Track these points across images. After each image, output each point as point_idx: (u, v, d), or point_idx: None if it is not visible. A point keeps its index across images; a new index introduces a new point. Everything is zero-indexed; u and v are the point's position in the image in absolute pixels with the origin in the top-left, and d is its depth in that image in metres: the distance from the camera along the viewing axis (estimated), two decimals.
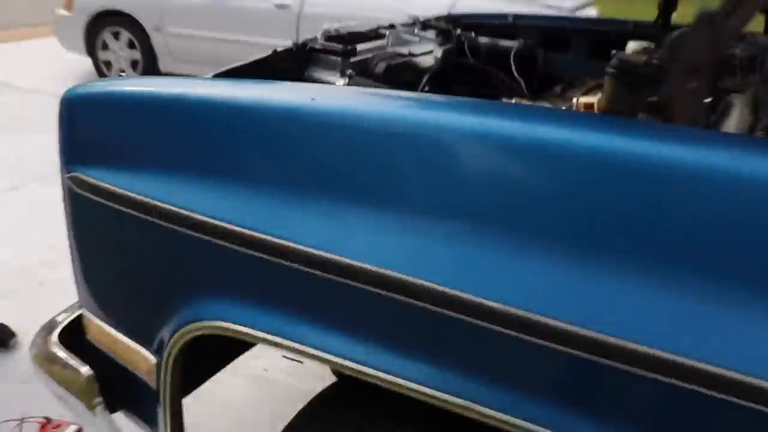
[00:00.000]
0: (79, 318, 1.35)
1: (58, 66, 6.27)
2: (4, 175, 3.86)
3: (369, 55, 1.71)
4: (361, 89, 1.03)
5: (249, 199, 0.97)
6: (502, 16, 2.73)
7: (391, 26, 2.04)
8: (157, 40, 5.42)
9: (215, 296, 1.04)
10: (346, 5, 4.78)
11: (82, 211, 1.19)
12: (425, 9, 4.47)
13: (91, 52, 5.70)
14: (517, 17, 2.72)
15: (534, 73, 2.59)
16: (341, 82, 1.53)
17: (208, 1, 5.17)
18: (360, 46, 1.74)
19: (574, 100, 2.11)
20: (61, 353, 1.30)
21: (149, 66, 5.53)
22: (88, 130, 1.18)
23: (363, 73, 1.63)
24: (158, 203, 1.05)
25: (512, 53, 2.44)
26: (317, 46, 1.59)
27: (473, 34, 2.45)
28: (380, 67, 1.70)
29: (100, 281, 1.25)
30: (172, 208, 1.03)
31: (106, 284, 1.25)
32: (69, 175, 1.18)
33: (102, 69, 5.74)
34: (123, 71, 5.68)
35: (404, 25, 2.13)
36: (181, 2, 5.27)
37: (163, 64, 5.52)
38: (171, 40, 5.38)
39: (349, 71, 1.56)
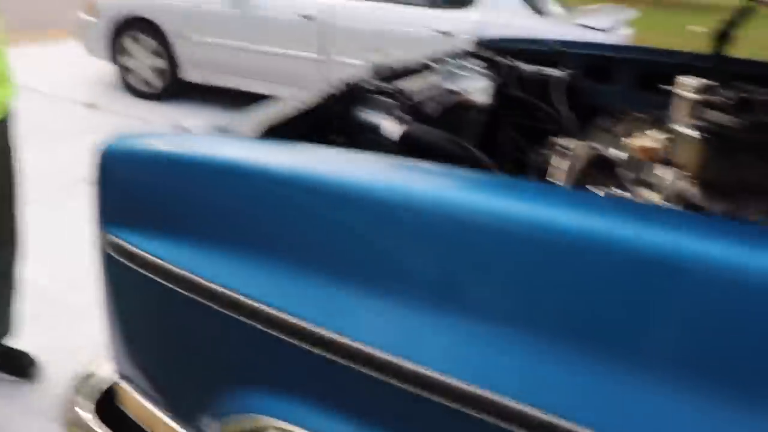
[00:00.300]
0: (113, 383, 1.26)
1: (80, 71, 6.21)
2: (25, 186, 3.76)
3: (421, 95, 1.61)
4: (432, 166, 0.92)
5: (305, 286, 0.87)
6: (546, 42, 2.63)
7: (440, 59, 1.94)
8: (179, 48, 5.34)
9: (265, 388, 0.93)
10: (372, 18, 4.69)
11: (118, 276, 1.09)
12: (452, 23, 4.43)
13: (114, 58, 5.64)
14: (562, 44, 2.61)
15: (578, 105, 2.49)
16: (393, 127, 1.43)
17: (233, 11, 5.08)
18: (411, 84, 1.64)
19: (629, 142, 2.00)
20: (95, 427, 1.20)
21: (172, 74, 5.46)
22: (127, 189, 1.07)
23: (416, 116, 1.53)
24: (200, 280, 0.94)
25: (560, 85, 2.34)
26: (368, 87, 1.49)
27: (517, 63, 2.35)
28: (433, 109, 1.60)
29: (137, 352, 1.15)
30: (215, 287, 0.93)
31: (143, 356, 1.15)
32: (105, 236, 1.08)
33: (124, 76, 5.67)
34: (146, 79, 5.60)
35: (452, 56, 2.02)
36: (205, 11, 5.19)
37: (185, 73, 5.44)
38: (194, 48, 5.30)
39: (402, 115, 1.46)
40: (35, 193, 3.60)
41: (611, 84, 2.56)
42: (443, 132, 1.47)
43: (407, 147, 1.43)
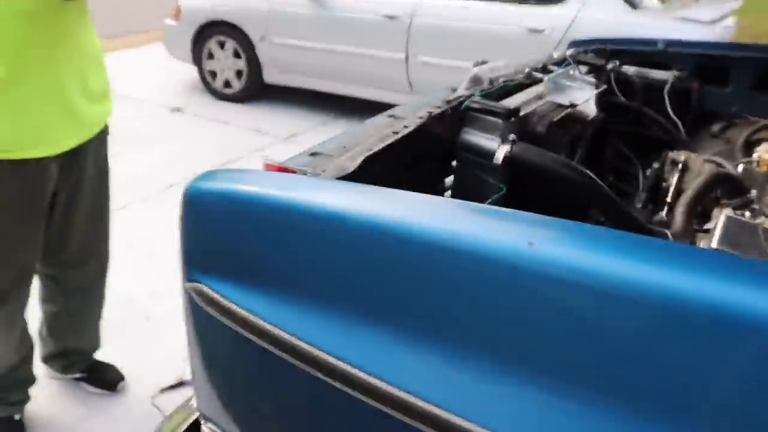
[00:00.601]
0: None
1: (166, 74, 6.32)
2: (114, 192, 3.81)
3: (527, 110, 1.47)
4: (550, 220, 0.78)
5: (410, 355, 0.75)
6: (652, 42, 2.43)
7: (544, 68, 1.79)
8: (262, 50, 5.34)
9: None
10: (459, 17, 4.54)
11: (204, 326, 1.00)
12: (542, 21, 4.23)
13: (198, 61, 5.70)
14: (669, 43, 2.41)
15: (688, 110, 2.29)
16: (503, 149, 1.30)
17: (315, 12, 5.03)
18: (516, 98, 1.50)
19: (756, 154, 1.80)
20: None
21: (254, 76, 5.47)
22: (213, 233, 0.97)
23: (525, 135, 1.39)
24: (291, 339, 0.84)
25: (669, 89, 2.15)
26: (472, 105, 1.36)
27: (622, 67, 2.17)
28: (542, 126, 1.46)
29: (222, 400, 1.06)
30: (313, 350, 0.82)
31: (229, 405, 1.06)
32: (190, 283, 0.99)
33: (208, 79, 5.72)
34: (229, 82, 5.63)
35: (556, 63, 1.87)
36: (287, 13, 5.16)
37: (267, 75, 5.44)
38: (276, 50, 5.28)
39: (508, 135, 1.32)
40: (123, 200, 3.65)
41: (725, 86, 2.34)
42: (552, 154, 1.33)
43: (515, 170, 1.29)
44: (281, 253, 0.87)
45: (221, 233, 0.94)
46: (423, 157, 1.29)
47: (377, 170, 1.09)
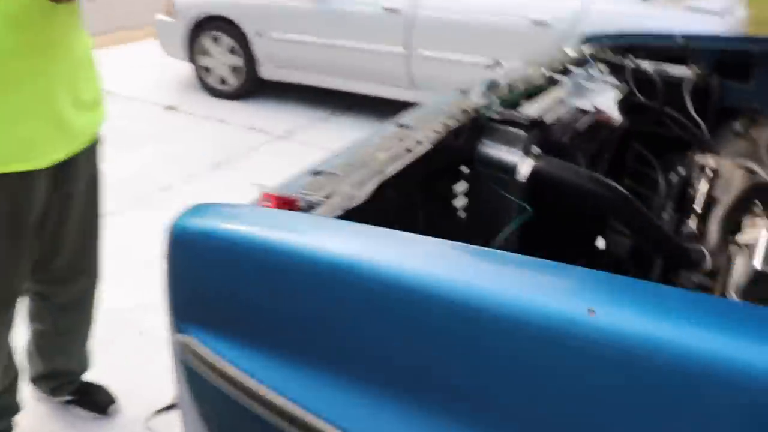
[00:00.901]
0: None
1: (159, 71, 6.16)
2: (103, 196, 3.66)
3: (549, 119, 1.34)
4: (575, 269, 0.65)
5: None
6: (669, 36, 2.31)
7: (563, 69, 1.65)
8: (258, 46, 5.19)
9: None
10: (462, 10, 4.40)
11: (195, 384, 0.87)
12: (548, 12, 4.09)
13: (193, 57, 5.54)
14: (688, 38, 2.28)
15: (708, 107, 2.17)
16: (527, 163, 1.17)
17: (313, 6, 4.88)
18: (537, 106, 1.37)
19: None
20: None
21: (250, 72, 5.32)
22: (202, 278, 0.84)
23: (548, 145, 1.26)
24: (289, 405, 0.71)
25: (690, 87, 2.03)
26: (492, 116, 1.23)
27: (641, 64, 2.05)
28: (566, 135, 1.33)
29: None
30: (310, 417, 0.70)
31: None
32: (178, 337, 0.86)
33: (203, 75, 5.57)
34: (224, 78, 5.48)
35: (575, 64, 1.73)
36: (284, 7, 5.01)
37: (263, 71, 5.29)
38: (273, 45, 5.14)
39: (535, 149, 1.19)
40: (113, 204, 3.48)
41: (747, 82, 2.22)
42: (578, 168, 1.20)
43: (539, 186, 1.16)
44: (278, 304, 0.74)
45: (211, 279, 0.81)
46: (438, 174, 1.16)
47: (389, 195, 0.96)
